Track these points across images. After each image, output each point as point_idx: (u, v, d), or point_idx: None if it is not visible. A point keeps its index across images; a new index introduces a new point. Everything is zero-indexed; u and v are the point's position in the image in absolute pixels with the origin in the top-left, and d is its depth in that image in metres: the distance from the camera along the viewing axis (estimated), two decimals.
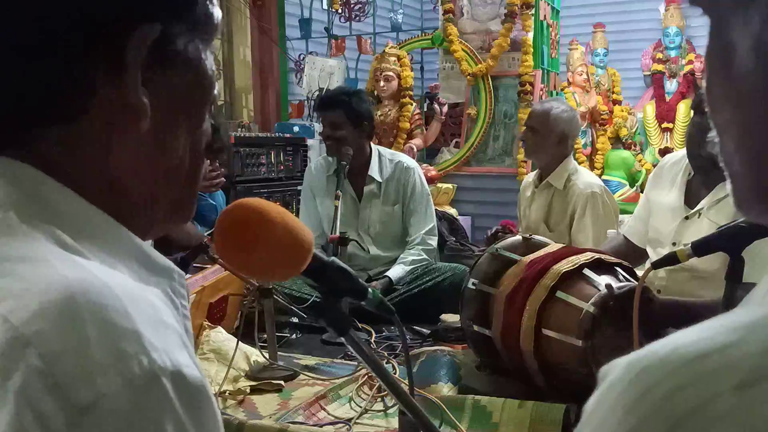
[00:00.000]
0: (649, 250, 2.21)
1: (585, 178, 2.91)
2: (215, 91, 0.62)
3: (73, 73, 0.51)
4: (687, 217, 2.08)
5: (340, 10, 5.01)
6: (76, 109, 0.52)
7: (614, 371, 0.34)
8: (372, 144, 3.08)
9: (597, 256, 1.84)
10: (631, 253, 2.29)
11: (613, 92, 5.81)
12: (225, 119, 4.73)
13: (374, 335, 2.37)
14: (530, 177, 3.11)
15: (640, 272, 1.77)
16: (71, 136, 0.52)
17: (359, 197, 3.07)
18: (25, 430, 0.39)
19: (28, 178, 0.51)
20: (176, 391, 0.43)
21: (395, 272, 2.85)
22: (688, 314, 1.81)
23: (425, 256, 2.94)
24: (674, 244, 2.06)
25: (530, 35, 4.27)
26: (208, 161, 3.42)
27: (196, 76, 0.58)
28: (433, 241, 3.02)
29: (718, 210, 1.99)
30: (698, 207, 2.05)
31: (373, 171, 3.02)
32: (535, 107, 3.11)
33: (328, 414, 1.75)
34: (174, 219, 0.61)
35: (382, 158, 3.06)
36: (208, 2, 0.58)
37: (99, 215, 0.52)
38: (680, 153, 2.23)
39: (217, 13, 0.59)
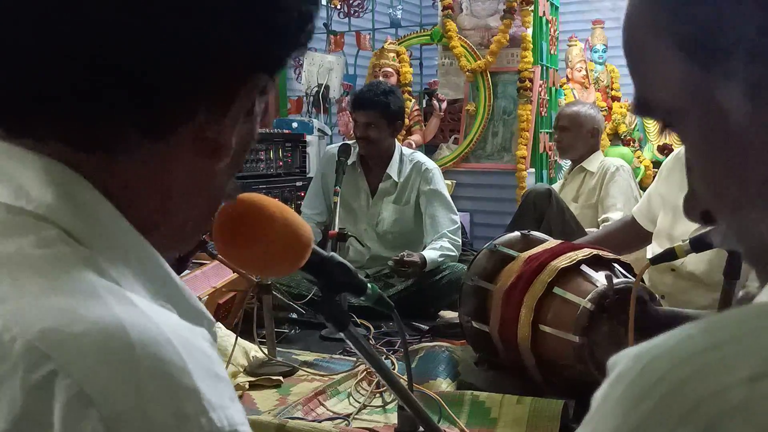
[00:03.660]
0: (654, 244, 2.20)
1: (614, 160, 3.35)
2: None
3: (183, 96, 0.50)
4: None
5: (338, 6, 5.00)
6: (167, 130, 0.51)
7: (623, 362, 0.33)
8: (397, 142, 3.07)
9: (595, 252, 1.84)
10: (635, 236, 2.30)
11: (612, 89, 5.81)
12: None
13: (373, 331, 2.37)
14: (558, 183, 3.57)
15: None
16: (147, 154, 0.51)
17: (373, 192, 3.06)
18: None
19: (81, 194, 0.49)
20: None
21: (429, 254, 2.79)
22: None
23: (451, 247, 2.88)
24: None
25: (529, 31, 4.26)
26: None
27: (254, 126, 0.58)
28: (459, 239, 2.95)
29: None
30: None
31: (392, 170, 3.00)
32: (563, 109, 3.51)
33: (327, 409, 1.76)
34: (180, 247, 0.61)
35: (404, 158, 3.03)
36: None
37: (143, 246, 0.51)
38: None
39: None
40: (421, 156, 3.12)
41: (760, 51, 0.37)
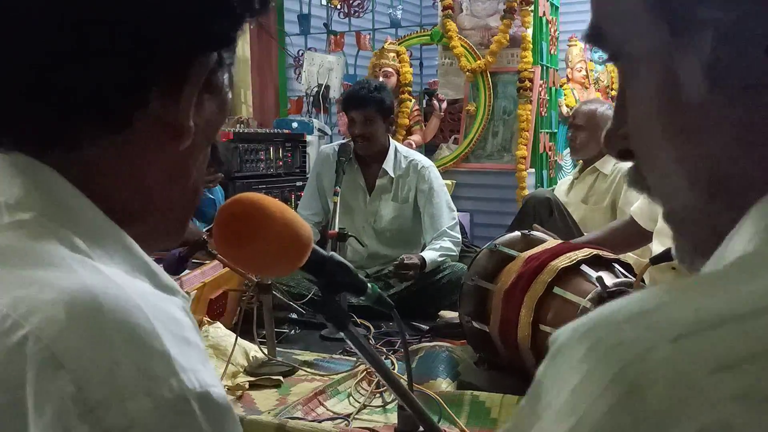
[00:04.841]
0: (654, 242, 2.20)
1: (629, 163, 3.15)
2: None
3: (133, 84, 0.51)
4: None
5: (338, 6, 5.00)
6: (125, 120, 0.52)
7: (562, 336, 0.34)
8: (390, 138, 3.08)
9: (595, 252, 1.84)
10: (636, 235, 2.31)
11: (612, 88, 5.81)
12: None
13: (373, 331, 2.37)
14: (566, 180, 3.46)
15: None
16: (110, 145, 0.52)
17: (370, 190, 3.07)
18: None
19: (49, 182, 0.51)
20: (203, 412, 0.44)
21: (428, 255, 2.80)
22: None
23: (451, 245, 2.90)
24: None
25: (529, 31, 4.25)
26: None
27: (222, 101, 0.59)
28: (459, 235, 2.97)
29: None
30: None
31: (388, 165, 3.01)
32: (580, 107, 3.37)
33: (327, 409, 1.76)
34: (169, 239, 0.62)
35: (398, 154, 3.04)
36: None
37: (112, 227, 0.52)
38: None
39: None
40: (416, 154, 3.15)
41: (733, 36, 0.37)
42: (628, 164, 0.48)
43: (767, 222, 0.35)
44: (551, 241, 2.00)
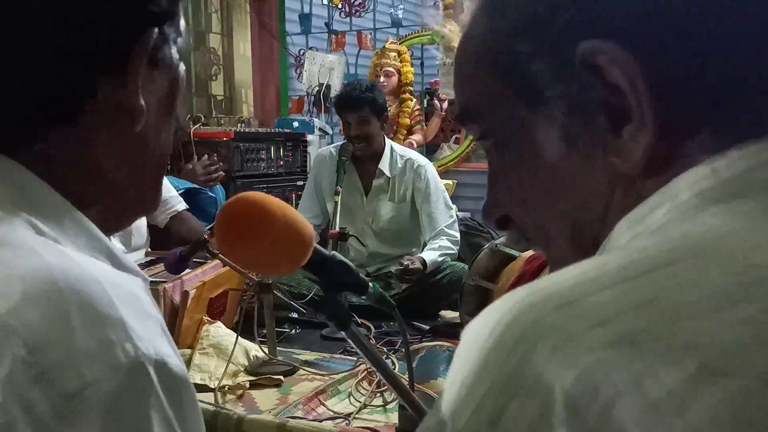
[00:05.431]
0: None
1: None
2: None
3: (77, 75, 0.52)
4: None
5: (340, 6, 5.00)
6: (76, 109, 0.52)
7: (473, 322, 0.38)
8: (386, 137, 3.08)
9: None
10: None
11: None
12: (224, 114, 4.72)
13: (373, 331, 2.37)
14: None
15: None
16: (66, 135, 0.53)
17: (367, 190, 3.06)
18: (12, 418, 0.40)
19: (8, 171, 0.51)
20: (160, 379, 0.44)
21: (428, 256, 2.80)
22: None
23: (450, 245, 2.90)
24: None
25: None
26: (206, 156, 3.43)
27: (173, 76, 0.60)
28: (457, 233, 2.97)
29: None
30: None
31: (384, 165, 3.00)
32: None
33: (328, 409, 1.76)
34: (140, 211, 0.63)
35: (394, 153, 3.03)
36: (182, 10, 0.60)
37: (72, 212, 0.53)
38: None
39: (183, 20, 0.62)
40: (412, 152, 3.13)
41: (578, 106, 0.44)
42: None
43: (627, 239, 0.42)
44: None
